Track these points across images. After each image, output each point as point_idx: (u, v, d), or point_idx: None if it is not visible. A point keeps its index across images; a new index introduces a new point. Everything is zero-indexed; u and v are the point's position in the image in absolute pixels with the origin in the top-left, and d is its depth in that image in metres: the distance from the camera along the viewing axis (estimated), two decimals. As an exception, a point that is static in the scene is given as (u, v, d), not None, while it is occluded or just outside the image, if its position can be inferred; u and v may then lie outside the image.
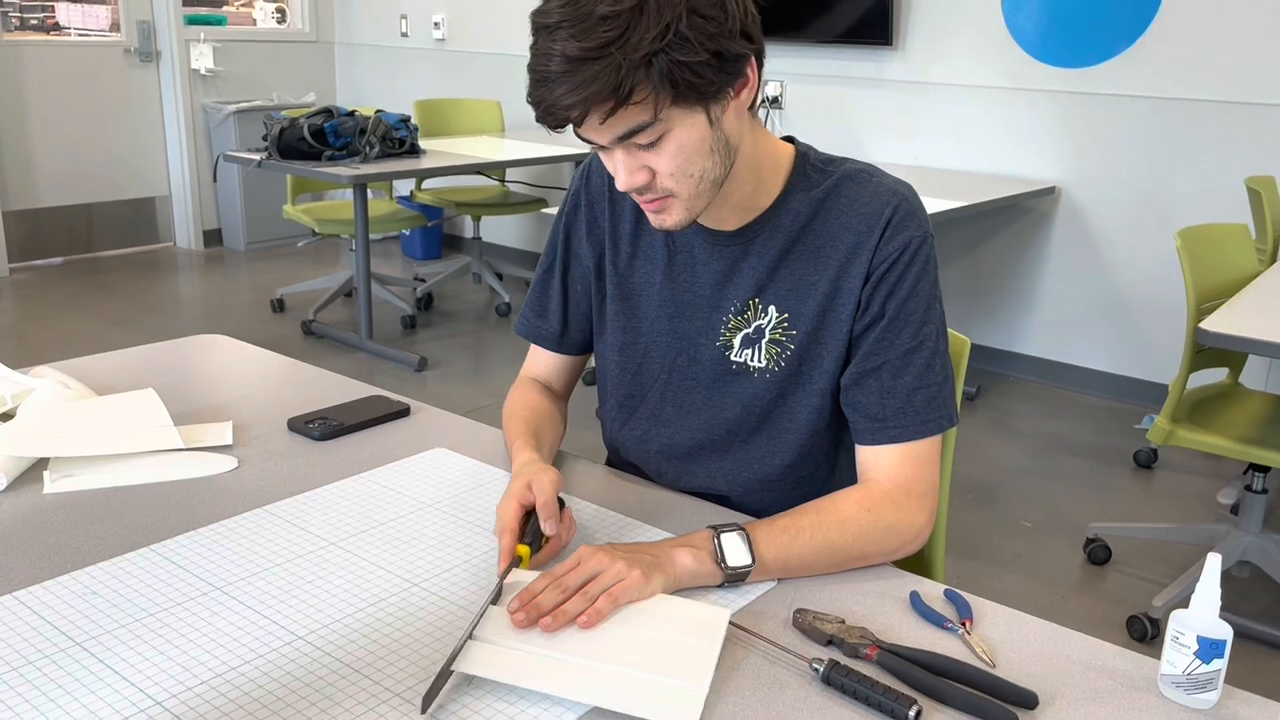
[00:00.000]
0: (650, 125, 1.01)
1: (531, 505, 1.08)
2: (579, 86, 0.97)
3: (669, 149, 1.04)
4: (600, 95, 0.97)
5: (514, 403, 1.35)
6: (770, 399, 1.21)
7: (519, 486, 1.09)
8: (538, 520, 1.07)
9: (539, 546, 1.07)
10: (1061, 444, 3.61)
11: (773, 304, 1.19)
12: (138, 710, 0.85)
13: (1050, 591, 2.64)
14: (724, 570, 1.04)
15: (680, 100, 1.01)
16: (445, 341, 4.52)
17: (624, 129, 1.01)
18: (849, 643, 0.96)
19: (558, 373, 1.41)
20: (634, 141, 1.03)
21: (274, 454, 1.36)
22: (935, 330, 1.15)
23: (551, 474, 1.11)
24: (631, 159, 1.05)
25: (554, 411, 1.36)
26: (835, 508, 1.11)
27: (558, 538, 1.08)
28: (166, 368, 1.67)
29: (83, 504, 1.20)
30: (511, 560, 1.03)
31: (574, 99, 0.98)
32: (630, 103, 0.98)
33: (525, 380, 1.40)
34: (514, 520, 1.06)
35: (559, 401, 1.40)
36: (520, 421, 1.29)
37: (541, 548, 1.07)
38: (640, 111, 1.00)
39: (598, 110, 0.99)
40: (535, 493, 1.08)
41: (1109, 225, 3.93)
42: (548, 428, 1.31)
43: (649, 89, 0.99)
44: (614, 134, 1.02)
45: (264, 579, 1.05)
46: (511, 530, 1.05)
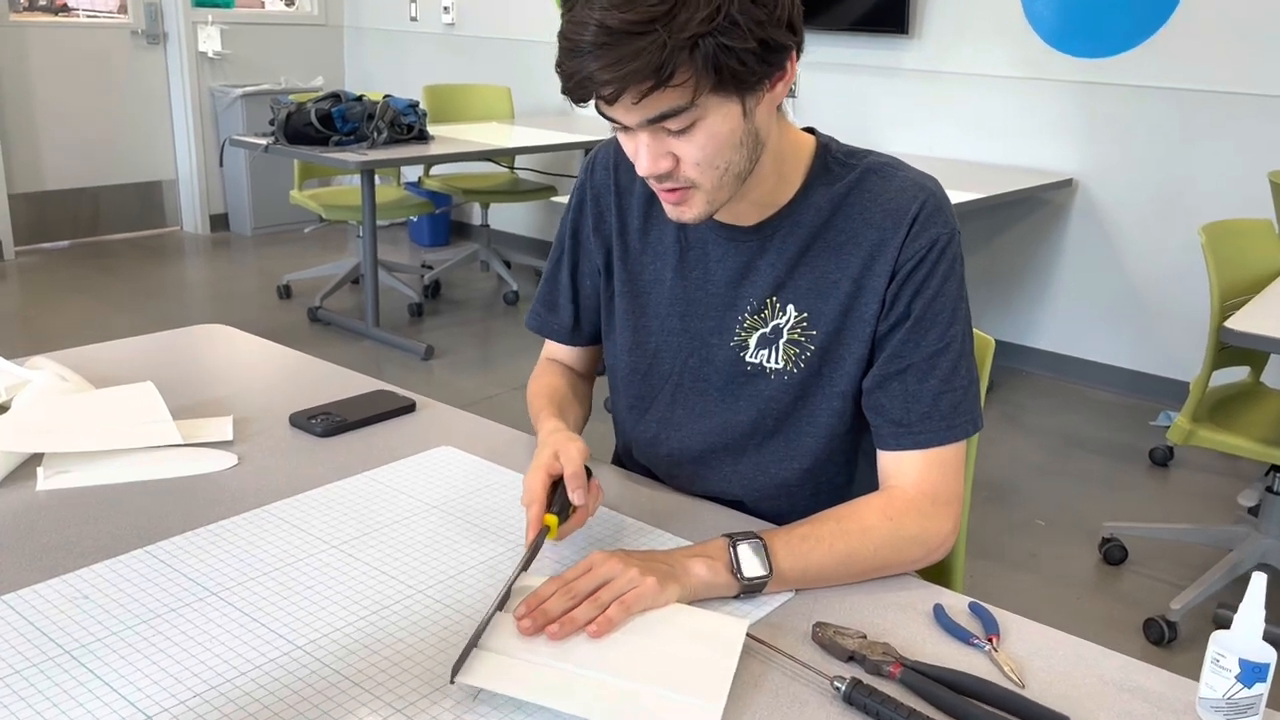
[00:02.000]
0: (685, 110, 0.96)
1: (559, 475, 1.05)
2: (618, 62, 0.91)
3: (699, 137, 0.99)
4: (640, 74, 0.92)
5: (536, 384, 1.33)
6: (788, 402, 1.17)
7: (546, 456, 1.06)
8: (565, 490, 1.04)
9: (567, 516, 1.05)
10: (1076, 441, 3.56)
11: (791, 303, 1.15)
12: (127, 725, 0.81)
13: (1065, 592, 2.59)
14: (740, 581, 0.99)
15: (720, 88, 0.96)
16: (453, 330, 4.48)
17: (656, 112, 0.97)
18: (871, 660, 0.92)
19: (576, 360, 1.38)
20: (664, 126, 0.98)
21: (275, 451, 1.32)
22: (962, 331, 1.11)
23: (578, 443, 1.08)
24: (657, 144, 1.01)
25: (576, 393, 1.34)
26: (857, 516, 1.06)
27: (585, 507, 1.06)
28: (167, 359, 1.63)
29: (76, 502, 1.17)
30: (540, 529, 1.01)
31: (610, 74, 0.92)
32: (670, 85, 0.93)
33: (546, 363, 1.38)
34: (542, 490, 1.04)
35: (582, 381, 1.38)
36: (543, 398, 1.27)
37: (569, 517, 1.05)
38: (677, 95, 0.95)
39: (634, 89, 0.94)
40: (563, 462, 1.05)
41: (1127, 219, 3.87)
42: (570, 405, 1.29)
43: (690, 72, 0.93)
44: (645, 116, 0.97)
45: (262, 584, 1.02)
46: (539, 500, 1.03)
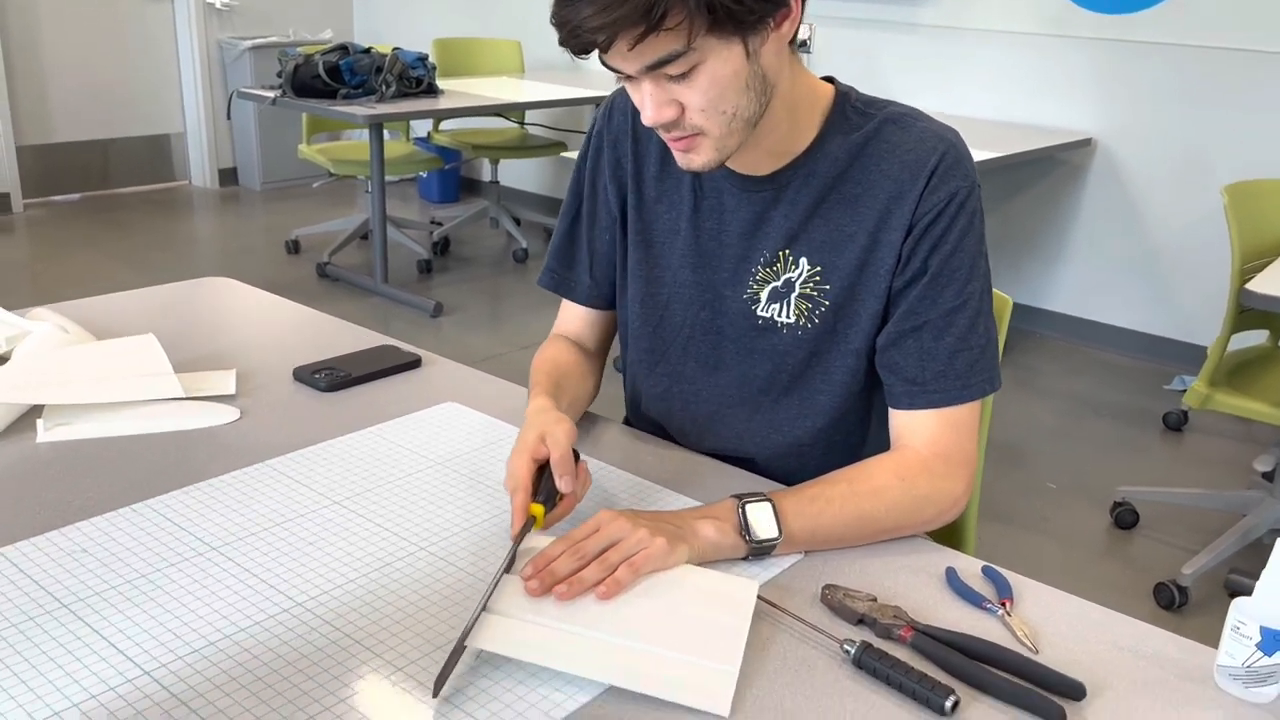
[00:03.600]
0: (682, 55, 0.93)
1: (545, 459, 1.01)
2: (607, 8, 0.89)
3: (701, 82, 0.96)
4: (629, 19, 0.89)
5: (539, 359, 1.27)
6: (801, 358, 1.14)
7: (531, 439, 1.02)
8: (551, 476, 1.00)
9: (554, 504, 1.00)
10: (1089, 404, 3.53)
11: (804, 255, 1.12)
12: (124, 680, 0.80)
13: (1075, 556, 2.58)
14: (749, 543, 0.97)
15: (716, 29, 0.93)
16: (461, 287, 4.45)
17: (653, 58, 0.93)
18: (881, 623, 0.90)
19: (590, 328, 1.32)
20: (663, 72, 0.95)
21: (278, 405, 1.30)
22: (980, 289, 1.08)
23: (565, 424, 1.04)
24: (660, 91, 0.97)
25: (582, 368, 1.27)
26: (868, 476, 1.04)
27: (573, 494, 1.01)
28: (170, 311, 1.61)
29: (76, 455, 1.15)
30: (526, 521, 0.97)
31: (600, 21, 0.90)
32: (662, 29, 0.90)
33: (554, 337, 1.33)
34: (526, 476, 0.99)
35: (590, 358, 1.32)
36: (542, 374, 1.21)
37: (556, 505, 1.00)
38: (672, 39, 0.92)
39: (626, 35, 0.91)
40: (549, 446, 1.01)
41: (1146, 180, 3.80)
42: (571, 383, 1.23)
43: (683, 14, 0.90)
44: (642, 63, 0.94)
45: (262, 539, 1.00)
46: (524, 488, 0.98)
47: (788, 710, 0.81)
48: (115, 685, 0.80)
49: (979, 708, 0.82)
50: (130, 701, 0.78)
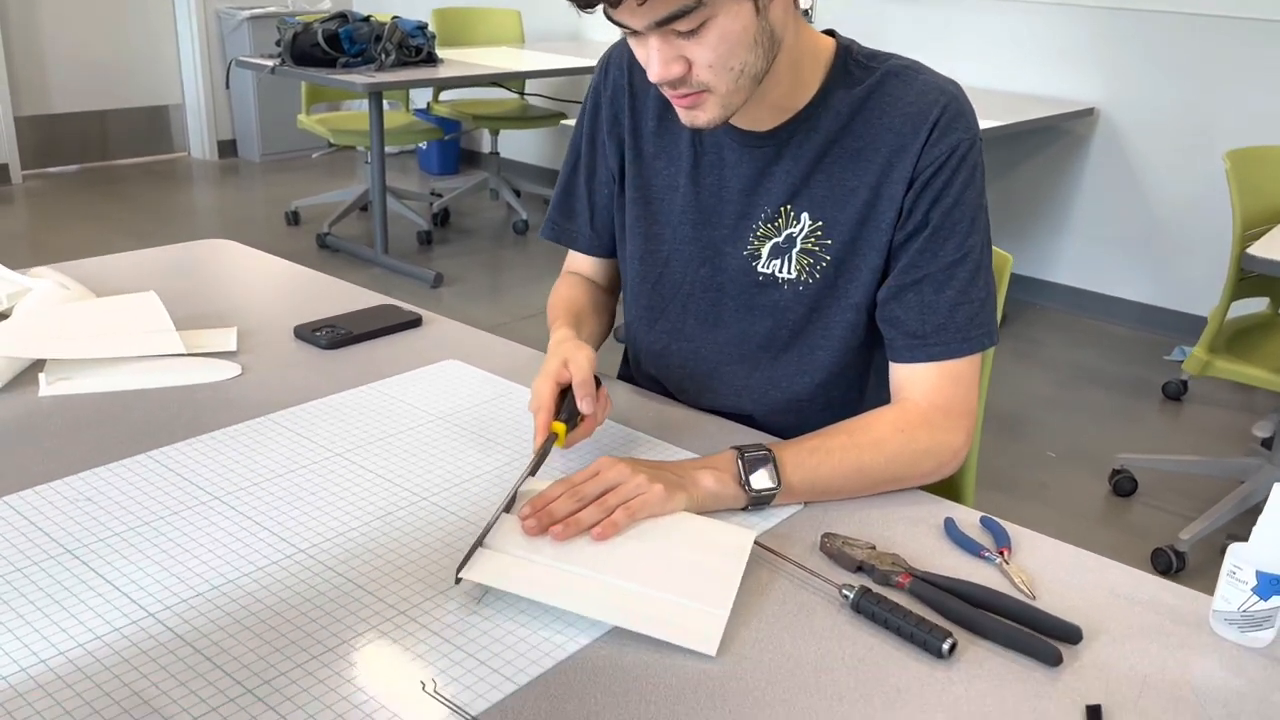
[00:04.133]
0: (693, 10, 0.93)
1: (567, 383, 1.04)
2: None
3: (710, 38, 0.96)
4: None
5: (555, 296, 1.30)
6: (802, 314, 1.14)
7: (554, 364, 1.05)
8: (574, 398, 1.03)
9: (575, 424, 1.04)
10: (1089, 374, 3.53)
11: (806, 211, 1.11)
12: (130, 621, 0.81)
13: (1074, 523, 2.59)
14: (748, 493, 0.98)
15: None
16: (462, 259, 4.45)
17: (664, 13, 0.93)
18: (880, 570, 0.91)
19: (596, 271, 1.35)
20: (672, 28, 0.95)
21: (279, 362, 1.30)
22: (981, 242, 1.08)
23: (586, 351, 1.07)
24: (668, 47, 0.97)
25: (596, 303, 1.30)
26: (868, 428, 1.04)
27: (593, 416, 1.04)
28: (170, 272, 1.61)
29: (79, 408, 1.16)
30: (547, 436, 1.00)
31: None
32: None
33: (567, 275, 1.35)
34: (550, 397, 1.02)
35: (604, 294, 1.35)
36: (561, 309, 1.25)
37: (577, 426, 1.04)
38: None
39: None
40: (571, 370, 1.04)
41: (1149, 149, 3.79)
42: (589, 316, 1.26)
43: None
44: (652, 18, 0.93)
45: (265, 489, 1.01)
46: (547, 407, 1.02)
47: (786, 652, 0.82)
48: (120, 626, 0.80)
49: (976, 651, 0.83)
50: (135, 642, 0.79)
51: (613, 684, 0.77)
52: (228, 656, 0.78)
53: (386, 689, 0.75)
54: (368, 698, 0.74)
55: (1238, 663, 0.83)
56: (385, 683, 0.76)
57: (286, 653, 0.78)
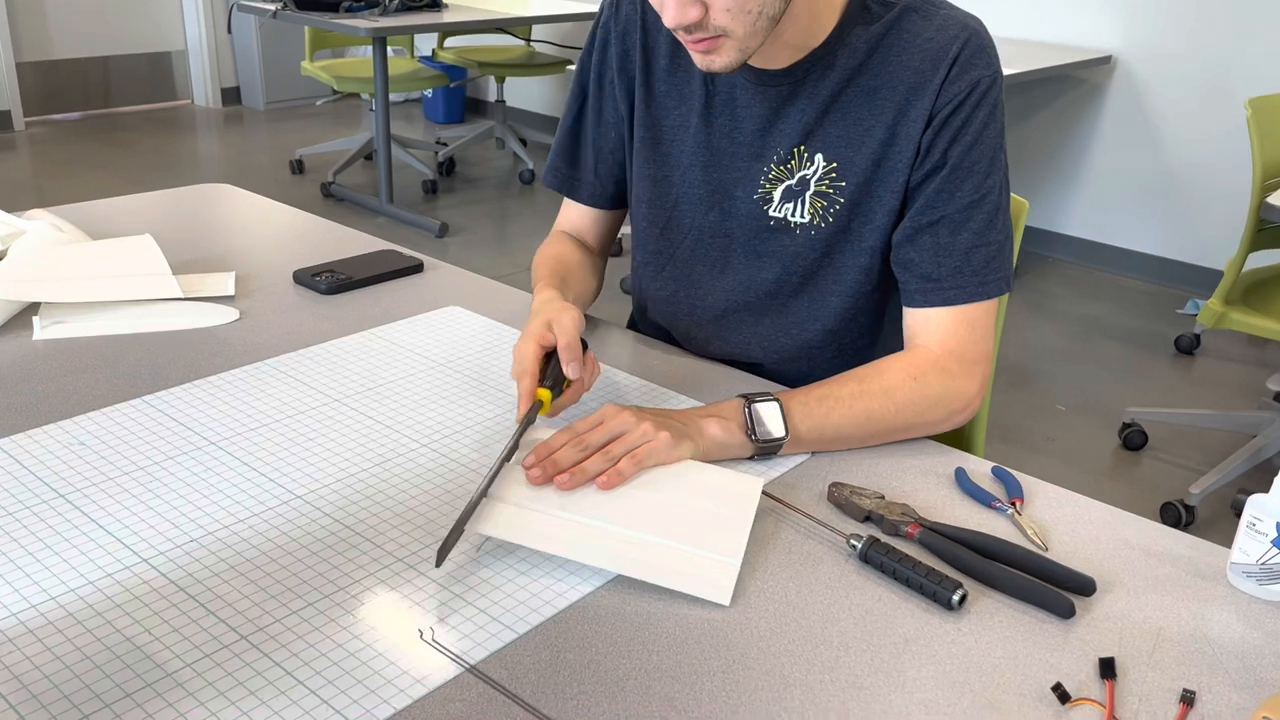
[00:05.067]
0: None
1: (552, 346, 0.99)
2: None
3: None
4: None
5: (542, 254, 1.25)
6: (814, 258, 1.11)
7: (538, 326, 1.00)
8: (559, 362, 0.98)
9: (560, 391, 0.99)
10: (1100, 328, 3.50)
11: (820, 152, 1.08)
12: (122, 567, 0.79)
13: (1083, 476, 2.57)
14: (755, 442, 0.96)
15: None
16: (467, 208, 4.41)
17: None
18: (889, 520, 0.89)
19: (592, 227, 1.30)
20: None
21: (278, 307, 1.28)
22: (999, 183, 1.04)
23: (572, 313, 1.01)
24: None
25: (585, 264, 1.25)
26: (879, 375, 1.02)
27: (580, 382, 0.99)
28: (169, 216, 1.59)
29: (73, 352, 1.13)
30: (532, 404, 0.95)
31: None
32: None
33: (556, 233, 1.30)
34: (533, 362, 0.97)
35: (594, 257, 1.30)
36: (546, 270, 1.19)
37: (563, 392, 0.99)
38: None
39: None
40: (556, 333, 0.98)
41: (1167, 98, 3.72)
42: (576, 277, 1.21)
43: None
44: None
45: (262, 435, 0.99)
46: (531, 373, 0.96)
47: (792, 602, 0.80)
48: (113, 572, 0.79)
49: (987, 602, 0.81)
50: (128, 587, 0.77)
51: (615, 633, 0.76)
52: (222, 603, 0.76)
53: (383, 637, 0.74)
54: (364, 645, 0.73)
55: (1255, 616, 0.81)
56: (382, 630, 0.74)
57: (282, 599, 0.77)
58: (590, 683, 0.71)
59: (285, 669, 0.70)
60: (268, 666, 0.70)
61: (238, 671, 0.70)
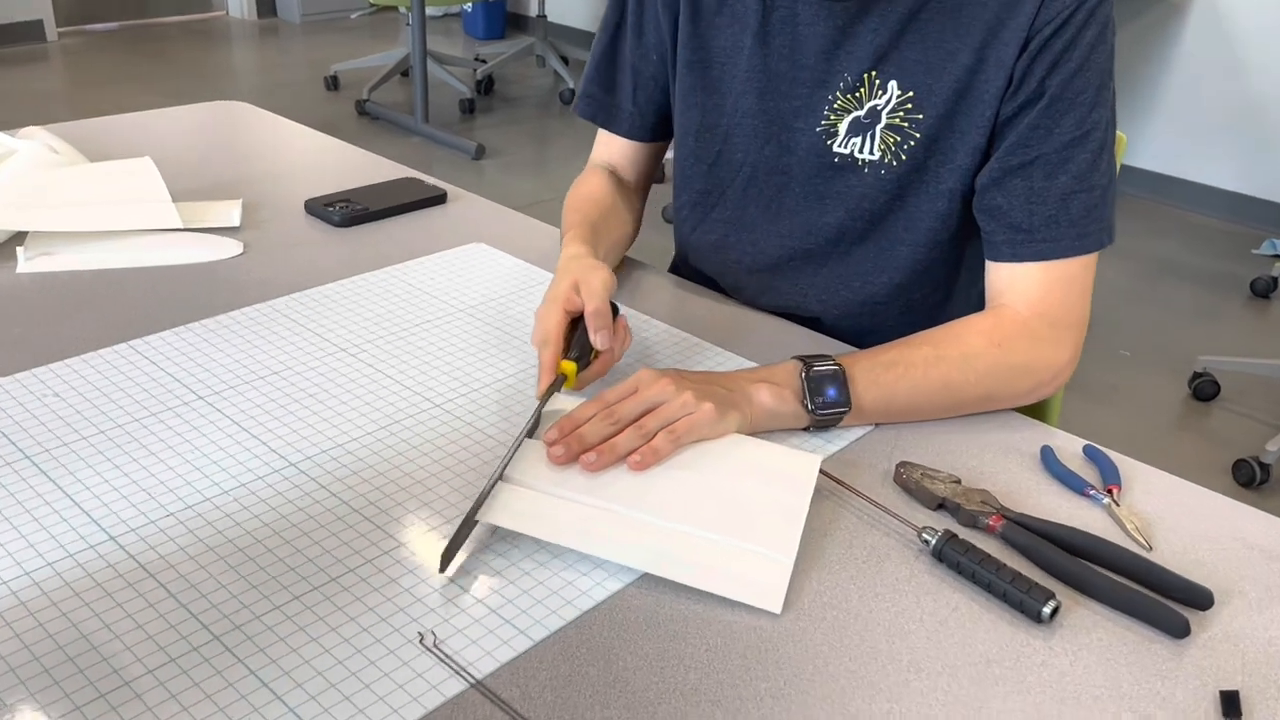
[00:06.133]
0: None
1: (578, 312, 0.87)
2: None
3: None
4: None
5: (574, 194, 1.12)
6: (883, 201, 0.97)
7: (564, 288, 0.88)
8: (586, 330, 0.86)
9: (587, 362, 0.86)
10: (1169, 268, 3.30)
11: (894, 79, 0.94)
12: (86, 546, 0.70)
13: (1148, 428, 2.42)
14: (811, 413, 0.84)
15: None
16: (505, 129, 4.25)
17: None
18: (966, 509, 0.77)
19: (630, 162, 1.17)
20: None
21: (286, 240, 1.17)
22: (1106, 118, 0.89)
23: (602, 273, 0.89)
24: None
25: (622, 206, 1.12)
26: (957, 339, 0.89)
27: (609, 352, 0.87)
28: (176, 136, 1.47)
29: (59, 287, 1.03)
30: (554, 378, 0.84)
31: None
32: None
33: (591, 169, 1.17)
34: (557, 330, 0.85)
35: (632, 195, 1.16)
36: (577, 215, 1.06)
37: (590, 363, 0.87)
38: None
39: None
40: (583, 296, 0.87)
41: (1252, 23, 3.45)
42: (610, 223, 1.08)
43: None
44: None
45: (257, 389, 0.88)
46: (554, 342, 0.85)
47: (854, 609, 0.69)
48: (75, 551, 0.69)
49: (1082, 614, 0.69)
50: (89, 571, 0.67)
51: (645, 643, 0.65)
52: (195, 593, 0.66)
53: (377, 641, 0.63)
54: (354, 651, 0.63)
55: (1403, 641, 0.68)
56: (376, 633, 0.64)
57: (264, 590, 0.67)
58: (616, 705, 0.60)
59: (261, 678, 0.60)
60: (240, 676, 0.60)
61: (206, 681, 0.60)
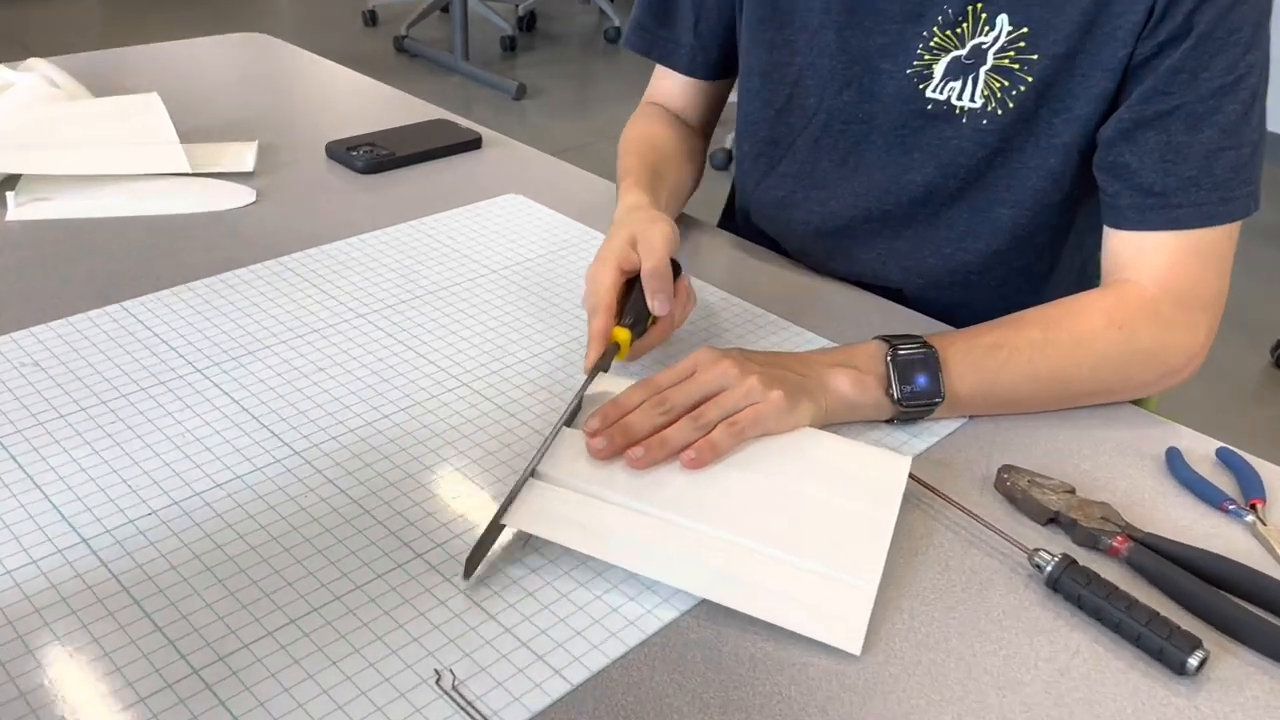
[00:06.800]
0: None
1: (635, 271, 0.75)
2: None
3: None
4: None
5: (629, 135, 1.00)
6: (983, 156, 0.84)
7: (619, 244, 0.76)
8: (643, 292, 0.75)
9: (643, 330, 0.75)
10: (1255, 227, 3.09)
11: (1005, 12, 0.80)
12: (52, 550, 0.60)
13: (1223, 401, 2.27)
14: (897, 403, 0.72)
15: None
16: (547, 68, 4.11)
17: None
18: (1084, 527, 0.65)
19: (691, 101, 1.04)
20: None
21: (304, 187, 1.06)
22: (1260, 61, 0.75)
23: (663, 226, 0.78)
24: None
25: (682, 149, 1.00)
26: (1070, 319, 0.76)
27: (669, 318, 0.76)
28: (191, 70, 1.36)
29: (51, 238, 0.93)
30: (606, 348, 0.72)
31: None
32: None
33: (648, 108, 1.04)
34: (610, 291, 0.74)
35: (694, 136, 1.04)
36: (634, 158, 0.94)
37: (646, 330, 0.76)
38: None
39: None
40: (641, 253, 0.75)
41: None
42: (671, 168, 0.95)
43: None
44: None
45: (261, 361, 0.77)
46: (607, 307, 0.73)
47: (954, 650, 0.57)
48: (39, 558, 0.59)
49: (1232, 664, 0.58)
50: (54, 582, 0.58)
51: (704, 690, 0.54)
52: (174, 613, 0.56)
53: (386, 680, 0.53)
54: (358, 693, 0.52)
55: None
56: (385, 669, 0.54)
57: (255, 611, 0.56)
58: (669, 772, 0.50)
59: (246, 727, 0.50)
60: (221, 723, 0.50)
61: (179, 729, 0.50)
